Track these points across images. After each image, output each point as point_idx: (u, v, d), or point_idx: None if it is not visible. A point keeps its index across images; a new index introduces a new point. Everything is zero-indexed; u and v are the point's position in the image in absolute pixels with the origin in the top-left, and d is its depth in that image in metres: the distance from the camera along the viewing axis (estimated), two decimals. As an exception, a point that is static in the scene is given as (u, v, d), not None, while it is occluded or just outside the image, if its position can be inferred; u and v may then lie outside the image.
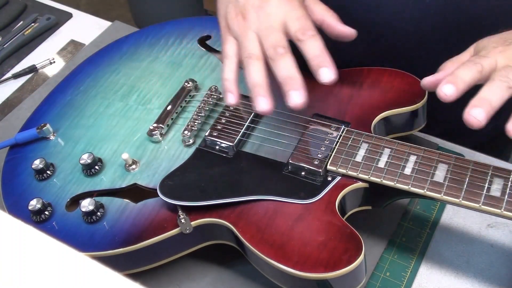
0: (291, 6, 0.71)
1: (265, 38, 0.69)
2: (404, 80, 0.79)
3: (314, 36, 0.68)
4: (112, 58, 0.95)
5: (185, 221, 0.70)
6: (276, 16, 0.70)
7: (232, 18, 0.73)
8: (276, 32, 0.69)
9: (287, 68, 0.67)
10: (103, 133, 0.83)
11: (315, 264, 0.64)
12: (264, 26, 0.70)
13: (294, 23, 0.69)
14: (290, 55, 0.68)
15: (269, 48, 0.69)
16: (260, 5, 0.71)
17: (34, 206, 0.74)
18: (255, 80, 0.68)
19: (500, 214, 0.64)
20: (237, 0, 0.73)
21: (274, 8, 0.71)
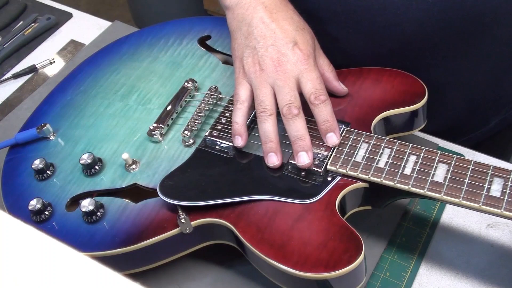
0: (307, 66, 0.74)
1: (281, 95, 0.73)
2: (404, 80, 0.79)
3: (325, 101, 0.73)
4: (112, 58, 0.95)
5: (185, 221, 0.70)
6: (292, 73, 0.74)
7: (249, 65, 0.76)
8: (291, 91, 0.73)
9: (298, 130, 0.72)
10: (103, 133, 0.83)
11: (315, 264, 0.64)
12: (281, 82, 0.73)
13: (309, 85, 0.73)
14: (302, 115, 0.73)
15: (284, 106, 0.73)
16: (279, 59, 0.74)
17: (34, 206, 0.74)
18: (267, 136, 0.74)
19: (500, 214, 0.64)
20: (255, 48, 0.76)
21: (291, 65, 0.74)
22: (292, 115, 0.72)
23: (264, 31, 0.76)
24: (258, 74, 0.75)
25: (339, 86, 0.80)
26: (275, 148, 0.74)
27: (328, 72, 0.79)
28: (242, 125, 0.76)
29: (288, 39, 0.75)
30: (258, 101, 0.74)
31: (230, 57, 0.90)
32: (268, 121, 0.73)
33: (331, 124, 0.73)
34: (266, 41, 0.75)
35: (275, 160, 0.74)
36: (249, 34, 0.77)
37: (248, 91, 0.76)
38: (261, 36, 0.76)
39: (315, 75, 0.74)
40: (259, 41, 0.76)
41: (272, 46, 0.75)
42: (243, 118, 0.76)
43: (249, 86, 0.76)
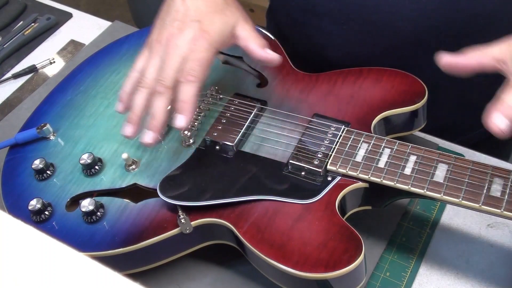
0: (198, 47, 0.72)
1: (160, 69, 0.72)
2: (404, 80, 0.79)
3: (192, 82, 0.70)
4: (112, 58, 0.95)
5: (185, 221, 0.70)
6: (180, 50, 0.72)
7: (154, 35, 0.75)
8: (169, 68, 0.71)
9: (155, 108, 0.71)
10: (103, 133, 0.83)
11: (315, 264, 0.64)
12: (166, 57, 0.72)
13: (188, 64, 0.71)
14: (166, 97, 0.71)
15: (156, 81, 0.71)
16: (174, 34, 0.73)
17: (34, 206, 0.74)
18: (133, 105, 0.73)
19: (500, 214, 0.64)
20: (164, 21, 0.75)
21: (182, 42, 0.72)
22: (156, 91, 0.71)
23: (180, 7, 0.74)
24: (154, 45, 0.74)
25: (266, 54, 0.76)
26: (134, 120, 0.73)
27: (250, 43, 0.76)
28: (126, 93, 0.76)
29: (196, 18, 0.73)
30: (142, 71, 0.74)
31: (231, 57, 0.90)
32: (139, 93, 0.73)
33: (186, 107, 0.70)
34: (176, 16, 0.74)
35: (128, 132, 0.73)
36: (168, 7, 0.76)
37: (145, 61, 0.75)
38: (175, 11, 0.75)
39: (199, 56, 0.71)
40: (170, 15, 0.75)
41: (178, 21, 0.73)
42: (131, 87, 0.75)
43: (147, 56, 0.75)
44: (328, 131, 0.76)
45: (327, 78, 0.83)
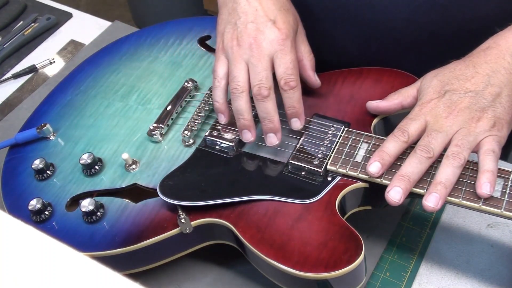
0: (283, 47, 0.73)
1: (253, 73, 0.73)
2: (404, 80, 0.79)
3: (295, 88, 0.73)
4: (112, 58, 0.95)
5: (185, 221, 0.70)
6: (267, 52, 0.73)
7: (228, 40, 0.76)
8: (263, 71, 0.72)
9: (267, 111, 0.73)
10: (103, 133, 0.83)
11: (315, 264, 0.64)
12: (255, 60, 0.73)
13: (281, 67, 0.73)
14: (272, 97, 0.73)
15: (255, 86, 0.72)
16: (256, 37, 0.73)
17: (34, 206, 0.74)
18: (240, 113, 0.74)
19: (500, 214, 0.64)
20: (236, 24, 0.76)
21: (267, 44, 0.73)
22: (261, 96, 0.72)
23: (247, 8, 0.75)
24: (235, 49, 0.74)
25: (313, 77, 0.80)
26: (248, 125, 0.74)
27: (307, 60, 0.79)
28: (223, 103, 0.77)
29: (268, 17, 0.74)
30: (231, 76, 0.74)
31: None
32: (240, 98, 0.73)
33: (296, 111, 0.73)
34: (247, 18, 0.75)
35: (250, 137, 0.75)
36: (233, 10, 0.77)
37: (226, 67, 0.76)
38: (243, 12, 0.75)
39: (289, 58, 0.73)
40: (240, 17, 0.75)
41: (252, 23, 0.74)
42: (223, 96, 0.76)
43: (227, 62, 0.76)
44: (328, 131, 0.76)
45: (327, 78, 0.83)
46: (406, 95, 0.74)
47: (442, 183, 0.65)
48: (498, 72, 0.69)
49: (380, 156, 0.68)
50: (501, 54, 0.70)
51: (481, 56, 0.71)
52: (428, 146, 0.67)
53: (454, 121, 0.67)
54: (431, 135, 0.67)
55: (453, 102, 0.68)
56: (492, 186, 0.64)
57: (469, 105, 0.68)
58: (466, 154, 0.66)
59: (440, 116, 0.68)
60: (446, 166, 0.66)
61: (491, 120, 0.67)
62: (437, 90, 0.70)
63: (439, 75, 0.72)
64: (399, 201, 0.65)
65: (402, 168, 0.67)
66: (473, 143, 0.67)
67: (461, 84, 0.69)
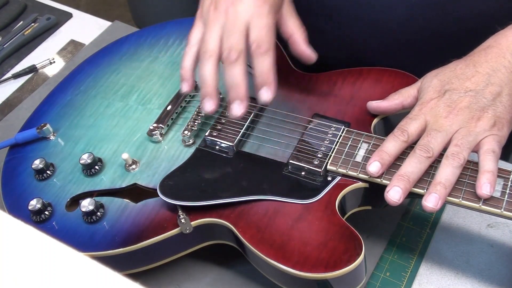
0: (260, 11, 0.70)
1: (225, 37, 0.69)
2: (404, 80, 0.79)
3: (266, 53, 0.68)
4: (112, 58, 0.95)
5: (185, 221, 0.70)
6: (242, 16, 0.69)
7: (206, 5, 0.73)
8: (237, 34, 0.69)
9: (234, 76, 0.68)
10: (103, 133, 0.83)
11: (315, 264, 0.64)
12: (229, 23, 0.69)
13: (254, 31, 0.69)
14: (242, 62, 0.68)
15: (225, 49, 0.69)
16: (233, 1, 0.70)
17: (34, 206, 0.74)
18: (203, 79, 0.70)
19: (500, 214, 0.64)
20: None
21: (244, 7, 0.70)
22: (229, 61, 0.68)
23: None
24: (211, 13, 0.71)
25: (307, 50, 0.75)
26: (210, 93, 0.70)
27: (297, 34, 0.75)
28: (188, 70, 0.74)
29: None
30: (203, 41, 0.71)
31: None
32: (207, 63, 0.70)
33: (266, 79, 0.69)
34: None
35: (210, 106, 0.71)
36: None
37: (200, 33, 0.73)
38: None
39: (265, 21, 0.69)
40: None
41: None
42: (191, 62, 0.74)
43: (203, 27, 0.73)
44: (328, 131, 0.76)
45: (327, 78, 0.83)
46: (406, 95, 0.74)
47: (441, 183, 0.65)
48: (499, 71, 0.69)
49: (380, 156, 0.68)
50: (502, 53, 0.70)
51: (481, 55, 0.71)
52: (427, 145, 0.67)
53: (454, 121, 0.67)
54: (430, 135, 0.67)
55: (453, 102, 0.68)
56: (492, 187, 0.64)
57: (469, 105, 0.68)
58: (465, 154, 0.66)
59: (439, 116, 0.68)
60: (445, 166, 0.66)
61: (491, 119, 0.67)
62: (437, 90, 0.70)
63: (440, 74, 0.72)
64: (398, 201, 0.65)
65: (402, 168, 0.67)
66: (473, 143, 0.67)
67: (461, 83, 0.69)
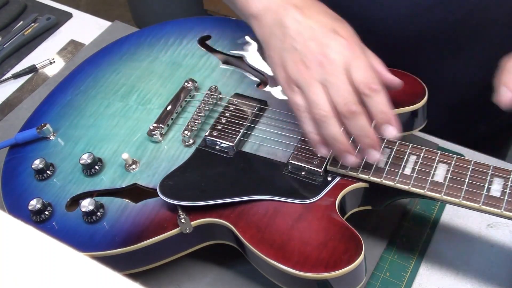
0: (353, 52, 0.67)
1: (334, 92, 0.66)
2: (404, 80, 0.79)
3: (379, 91, 0.65)
4: (112, 58, 0.95)
5: (185, 221, 0.70)
6: (339, 63, 0.66)
7: (292, 67, 0.68)
8: (343, 84, 0.65)
9: (361, 128, 0.65)
10: (103, 133, 0.83)
11: (315, 264, 0.64)
12: (331, 77, 0.66)
13: (358, 73, 0.66)
14: (361, 110, 0.65)
15: (340, 104, 0.65)
16: (322, 51, 0.67)
17: (34, 206, 0.74)
18: (335, 138, 0.67)
19: (500, 214, 0.64)
20: (294, 48, 0.68)
21: (336, 55, 0.66)
22: (351, 113, 0.64)
23: (300, 28, 0.69)
24: (304, 74, 0.67)
25: (392, 77, 0.71)
26: (348, 149, 0.67)
27: (377, 64, 0.71)
28: (315, 133, 0.69)
29: (327, 29, 0.68)
30: (312, 103, 0.67)
31: (231, 57, 0.90)
32: (330, 126, 0.66)
33: (387, 115, 0.65)
34: (304, 37, 0.68)
35: (353, 159, 0.68)
36: (284, 35, 0.69)
37: (302, 97, 0.68)
38: (297, 34, 0.69)
39: (363, 62, 0.66)
40: (296, 40, 0.68)
41: (311, 40, 0.68)
42: (315, 129, 0.69)
43: (300, 90, 0.68)
44: (328, 131, 0.75)
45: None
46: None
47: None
48: None
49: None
50: None
51: None
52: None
53: None
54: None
55: None
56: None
57: None
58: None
59: None
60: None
61: None
62: None
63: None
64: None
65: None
66: None
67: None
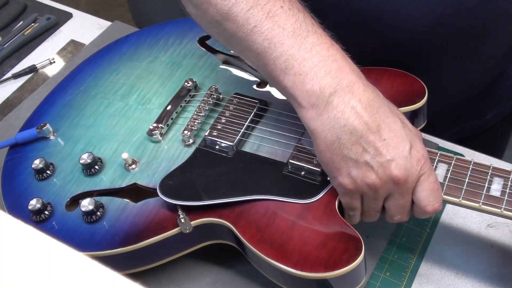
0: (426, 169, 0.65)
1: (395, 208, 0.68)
2: (404, 80, 0.79)
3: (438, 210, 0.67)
4: (112, 58, 0.95)
5: (184, 221, 0.70)
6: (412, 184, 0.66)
7: (363, 185, 0.65)
8: (407, 204, 0.67)
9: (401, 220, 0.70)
10: (103, 133, 0.83)
11: (315, 263, 0.64)
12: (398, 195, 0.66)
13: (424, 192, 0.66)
14: None
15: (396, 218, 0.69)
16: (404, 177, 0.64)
17: (34, 205, 0.74)
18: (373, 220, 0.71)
19: (500, 214, 0.64)
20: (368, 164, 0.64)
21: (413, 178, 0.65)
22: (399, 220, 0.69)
23: (373, 140, 0.63)
24: (375, 194, 0.66)
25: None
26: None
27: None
28: None
29: (403, 145, 0.64)
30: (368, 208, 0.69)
31: (231, 57, 0.90)
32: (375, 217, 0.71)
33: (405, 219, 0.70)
34: (381, 156, 0.63)
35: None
36: (353, 144, 0.63)
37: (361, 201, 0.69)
38: (372, 147, 0.63)
39: (433, 179, 0.66)
40: (370, 153, 0.63)
41: (392, 161, 0.63)
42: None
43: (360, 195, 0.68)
44: (328, 131, 0.75)
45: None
46: None
47: None
48: None
49: None
50: None
51: None
52: None
53: None
54: None
55: None
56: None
57: None
58: None
59: None
60: None
61: None
62: None
63: None
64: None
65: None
66: None
67: None
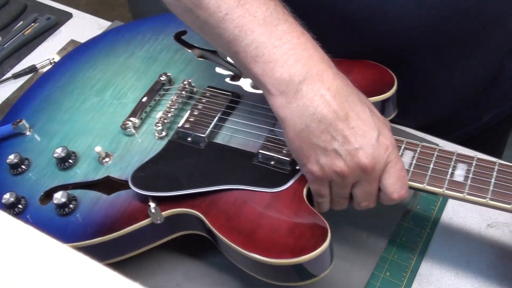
0: (393, 157, 0.66)
1: (362, 194, 0.68)
2: (373, 70, 0.79)
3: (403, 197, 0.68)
4: (89, 54, 0.96)
5: (155, 211, 0.71)
6: (379, 172, 0.66)
7: (331, 172, 0.66)
8: (374, 191, 0.68)
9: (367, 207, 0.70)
10: (79, 128, 0.84)
11: (282, 250, 0.64)
12: (366, 182, 0.67)
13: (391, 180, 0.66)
14: None
15: (363, 204, 0.70)
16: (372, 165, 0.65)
17: (7, 199, 0.75)
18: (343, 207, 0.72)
19: (462, 199, 0.65)
20: (336, 152, 0.64)
21: (380, 166, 0.65)
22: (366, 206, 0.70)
23: (342, 128, 0.63)
24: (344, 181, 0.66)
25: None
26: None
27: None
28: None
29: (371, 133, 0.64)
30: (336, 194, 0.69)
31: (206, 51, 0.90)
32: (343, 204, 0.71)
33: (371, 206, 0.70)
34: (350, 144, 0.63)
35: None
36: (322, 132, 0.63)
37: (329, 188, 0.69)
38: (341, 135, 0.63)
39: (399, 166, 0.66)
40: (339, 141, 0.63)
41: (360, 149, 0.63)
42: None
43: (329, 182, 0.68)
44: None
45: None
46: None
47: None
48: None
49: None
50: None
51: None
52: None
53: None
54: None
55: None
56: None
57: None
58: None
59: None
60: None
61: None
62: None
63: None
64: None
65: None
66: None
67: None
